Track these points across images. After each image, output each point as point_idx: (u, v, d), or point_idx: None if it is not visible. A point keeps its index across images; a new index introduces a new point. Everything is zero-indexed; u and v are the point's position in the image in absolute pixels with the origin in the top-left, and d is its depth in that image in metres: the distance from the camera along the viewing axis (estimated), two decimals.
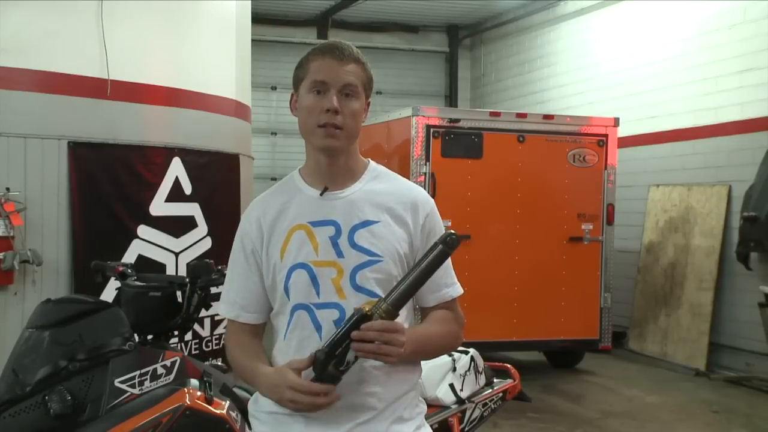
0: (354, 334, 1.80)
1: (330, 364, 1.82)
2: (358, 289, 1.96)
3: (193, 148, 5.38)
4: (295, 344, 1.98)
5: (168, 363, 2.94)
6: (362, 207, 2.01)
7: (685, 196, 8.68)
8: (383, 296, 1.87)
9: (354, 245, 1.98)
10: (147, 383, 2.86)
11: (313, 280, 1.98)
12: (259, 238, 2.05)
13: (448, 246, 1.84)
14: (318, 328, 1.96)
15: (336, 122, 1.96)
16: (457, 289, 2.11)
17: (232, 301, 2.10)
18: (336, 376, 1.84)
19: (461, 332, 2.13)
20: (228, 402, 3.04)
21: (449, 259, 1.97)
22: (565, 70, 11.09)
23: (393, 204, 2.03)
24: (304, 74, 2.01)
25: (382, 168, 2.12)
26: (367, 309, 1.83)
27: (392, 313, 1.84)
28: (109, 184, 4.97)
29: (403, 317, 1.95)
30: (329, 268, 1.97)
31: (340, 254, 1.98)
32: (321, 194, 2.03)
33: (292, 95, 2.06)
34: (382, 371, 1.96)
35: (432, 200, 2.11)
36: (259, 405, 2.07)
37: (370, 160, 2.13)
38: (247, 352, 2.05)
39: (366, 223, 2.00)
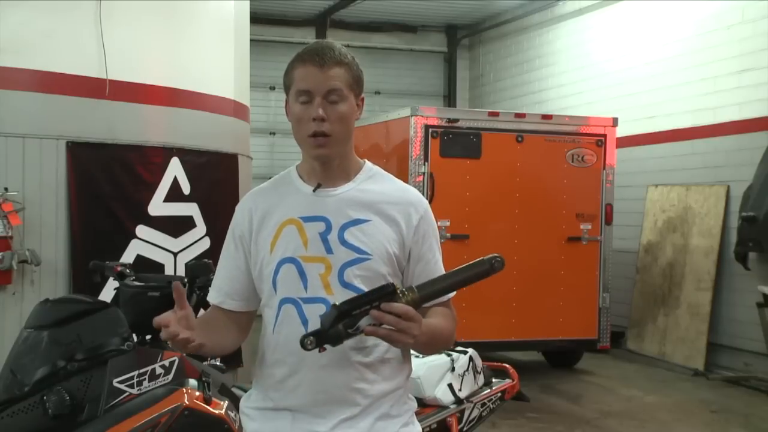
0: (373, 313, 1.78)
1: (342, 321, 1.80)
2: (346, 285, 1.98)
3: (191, 148, 5.37)
4: (283, 338, 2.00)
5: (166, 363, 2.95)
6: (353, 206, 2.03)
7: (683, 196, 8.68)
8: (416, 285, 1.89)
9: (343, 242, 2.00)
10: (145, 383, 2.86)
11: (301, 274, 2.00)
12: (249, 229, 2.08)
13: (492, 268, 1.92)
14: (305, 322, 1.97)
15: (324, 130, 1.98)
16: None
17: (218, 288, 2.15)
18: (339, 337, 1.81)
19: (455, 330, 2.15)
20: (227, 402, 3.05)
21: (442, 259, 2.08)
22: (563, 70, 11.09)
23: (384, 204, 2.05)
24: (290, 82, 2.03)
25: (377, 169, 2.14)
26: (398, 288, 1.84)
27: (417, 304, 1.86)
28: (107, 184, 4.96)
29: None
30: (318, 263, 2.00)
31: (329, 250, 2.00)
32: (314, 190, 2.06)
33: (287, 101, 2.08)
34: (370, 369, 1.99)
35: (426, 201, 2.13)
36: (249, 401, 2.10)
37: (365, 160, 2.15)
38: (200, 320, 2.03)
39: (356, 222, 2.02)
